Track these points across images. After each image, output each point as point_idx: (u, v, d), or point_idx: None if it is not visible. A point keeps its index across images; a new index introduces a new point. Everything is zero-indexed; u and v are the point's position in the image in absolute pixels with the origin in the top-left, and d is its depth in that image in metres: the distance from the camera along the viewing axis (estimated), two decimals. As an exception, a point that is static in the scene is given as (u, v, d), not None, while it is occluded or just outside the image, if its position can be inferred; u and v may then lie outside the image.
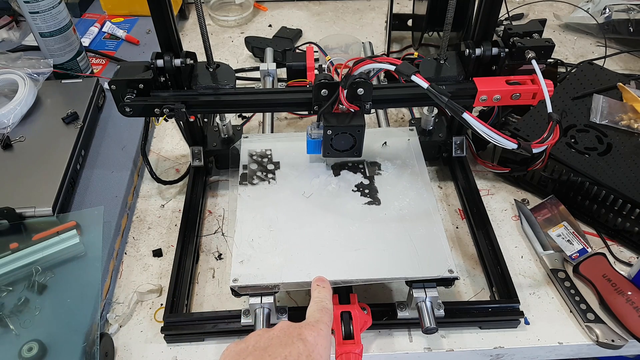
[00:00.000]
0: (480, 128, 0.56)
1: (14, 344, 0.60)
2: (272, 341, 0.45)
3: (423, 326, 0.59)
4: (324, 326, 0.48)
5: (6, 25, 1.15)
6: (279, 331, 0.46)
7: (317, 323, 0.48)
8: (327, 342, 0.47)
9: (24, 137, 0.82)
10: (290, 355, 0.43)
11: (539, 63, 0.64)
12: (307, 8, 1.28)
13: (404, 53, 1.12)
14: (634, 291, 0.66)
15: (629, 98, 0.83)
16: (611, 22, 1.09)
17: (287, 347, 0.44)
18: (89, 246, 0.70)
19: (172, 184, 0.84)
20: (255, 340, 0.45)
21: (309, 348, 0.44)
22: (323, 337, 0.47)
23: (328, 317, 0.50)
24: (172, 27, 0.66)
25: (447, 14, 0.67)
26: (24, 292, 0.65)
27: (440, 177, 0.85)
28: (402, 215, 0.67)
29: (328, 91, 0.65)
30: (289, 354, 0.43)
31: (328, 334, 0.48)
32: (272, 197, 0.69)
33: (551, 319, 0.66)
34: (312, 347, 0.44)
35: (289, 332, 0.46)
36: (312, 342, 0.45)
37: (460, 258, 0.74)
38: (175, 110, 0.68)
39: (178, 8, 1.20)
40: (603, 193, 0.72)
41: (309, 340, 0.45)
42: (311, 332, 0.46)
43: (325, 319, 0.49)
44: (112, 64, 1.06)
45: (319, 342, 0.46)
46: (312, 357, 0.44)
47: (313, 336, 0.46)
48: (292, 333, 0.45)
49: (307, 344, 0.44)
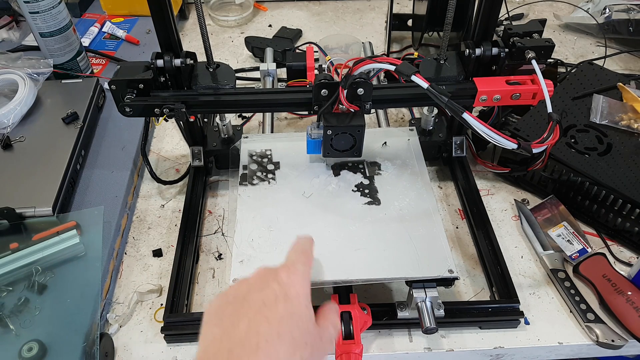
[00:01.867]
0: (480, 128, 0.56)
1: (14, 344, 0.60)
2: (250, 288, 0.45)
3: (423, 326, 0.59)
4: (299, 266, 0.48)
5: (6, 25, 1.15)
6: (256, 277, 0.46)
7: (293, 264, 0.48)
8: (304, 281, 0.47)
9: (24, 137, 0.82)
10: (267, 298, 0.43)
11: (539, 63, 0.64)
12: (307, 8, 1.28)
13: (404, 53, 1.12)
14: (634, 291, 0.66)
15: (629, 98, 0.83)
16: (611, 22, 1.09)
17: (264, 291, 0.44)
18: (89, 246, 0.70)
19: (172, 184, 0.84)
20: (234, 291, 0.46)
21: (284, 288, 0.44)
22: (299, 275, 0.46)
23: (305, 258, 0.49)
24: (172, 27, 0.66)
25: (447, 14, 0.67)
26: (24, 292, 0.65)
27: (440, 177, 0.85)
28: (402, 215, 0.67)
29: (328, 91, 0.65)
30: (266, 297, 0.43)
31: (305, 274, 0.48)
32: (272, 197, 0.69)
33: (551, 319, 0.66)
34: (287, 287, 0.45)
35: (264, 276, 0.46)
36: (287, 282, 0.45)
37: (460, 258, 0.74)
38: (175, 110, 0.68)
39: (178, 8, 1.20)
40: (603, 193, 0.72)
41: (283, 281, 0.45)
42: (286, 273, 0.46)
43: (301, 260, 0.49)
44: (112, 64, 1.06)
45: (294, 280, 0.46)
46: (289, 295, 0.44)
47: (288, 276, 0.46)
48: (268, 277, 0.46)
49: (282, 284, 0.45)
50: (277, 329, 0.41)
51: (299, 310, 0.44)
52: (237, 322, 0.42)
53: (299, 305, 0.44)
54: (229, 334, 0.41)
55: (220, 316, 0.44)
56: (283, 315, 0.42)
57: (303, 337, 0.42)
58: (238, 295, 0.45)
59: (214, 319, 0.44)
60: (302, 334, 0.42)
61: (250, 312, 0.42)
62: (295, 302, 0.44)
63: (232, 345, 0.40)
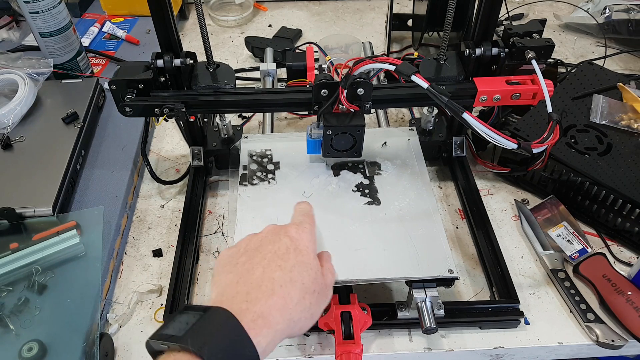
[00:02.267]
0: (480, 128, 0.56)
1: (14, 344, 0.60)
2: (262, 241, 0.49)
3: (423, 326, 0.59)
4: (307, 225, 0.52)
5: (6, 25, 1.15)
6: (267, 233, 0.51)
7: (300, 223, 0.53)
8: (311, 237, 0.51)
9: (24, 137, 0.82)
10: (279, 249, 0.48)
11: (539, 63, 0.64)
12: (307, 8, 1.28)
13: (404, 53, 1.12)
14: (634, 291, 0.66)
15: (629, 98, 0.83)
16: (611, 22, 1.09)
17: (276, 244, 0.48)
18: (89, 246, 0.70)
19: (172, 184, 0.84)
20: (246, 243, 0.50)
21: (295, 242, 0.49)
22: (307, 232, 0.51)
23: (310, 220, 0.54)
24: (172, 27, 0.66)
25: (447, 14, 0.67)
26: (24, 292, 0.65)
27: (440, 177, 0.85)
28: (402, 215, 0.67)
29: (328, 91, 0.65)
30: (278, 249, 0.48)
31: (311, 231, 0.52)
32: (272, 197, 0.69)
33: (551, 319, 0.66)
34: (297, 241, 0.49)
35: (275, 231, 0.50)
36: (297, 237, 0.50)
37: (460, 258, 0.74)
38: (175, 110, 0.68)
39: (178, 8, 1.20)
40: (603, 193, 0.72)
41: (294, 236, 0.50)
42: (295, 229, 0.51)
43: (307, 220, 0.54)
44: (112, 64, 1.06)
45: (302, 236, 0.50)
46: (299, 248, 0.48)
47: (297, 231, 0.50)
48: (279, 232, 0.50)
49: (292, 239, 0.49)
50: (290, 276, 0.45)
51: (308, 260, 0.48)
52: (251, 268, 0.46)
53: (308, 256, 0.48)
54: (245, 279, 0.45)
55: (234, 264, 0.47)
56: (294, 264, 0.47)
57: (312, 284, 0.47)
58: (250, 247, 0.49)
59: (227, 267, 0.48)
60: (310, 281, 0.47)
61: (264, 261, 0.46)
62: (304, 253, 0.48)
63: (249, 289, 0.44)
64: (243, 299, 0.43)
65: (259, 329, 0.41)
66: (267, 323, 0.42)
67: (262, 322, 0.41)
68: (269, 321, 0.42)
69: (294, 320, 0.44)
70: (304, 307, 0.45)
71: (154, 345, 0.40)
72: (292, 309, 0.44)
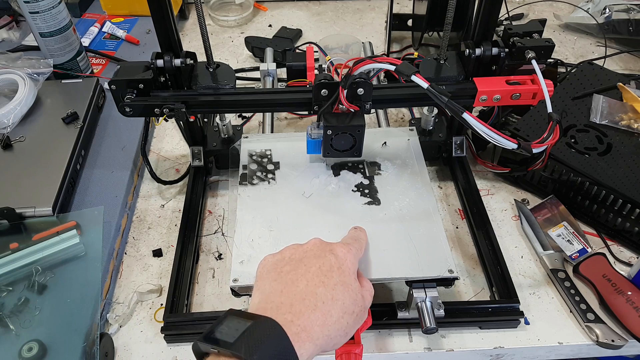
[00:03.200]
0: (480, 128, 0.56)
1: (14, 344, 0.60)
2: (306, 254, 0.50)
3: (423, 326, 0.59)
4: (353, 248, 0.53)
5: (6, 25, 1.15)
6: (312, 246, 0.51)
7: (348, 244, 0.53)
8: (355, 260, 0.52)
9: (24, 137, 0.82)
10: (324, 265, 0.48)
11: (539, 63, 0.64)
12: (307, 8, 1.28)
13: (404, 53, 1.12)
14: (634, 291, 0.66)
15: (629, 98, 0.83)
16: (611, 22, 1.09)
17: (321, 259, 0.49)
18: (89, 246, 0.70)
19: (172, 184, 0.84)
20: (290, 253, 0.51)
21: (340, 261, 0.49)
22: (352, 254, 0.51)
23: (358, 245, 0.55)
24: (172, 27, 0.66)
25: (447, 14, 0.67)
26: (24, 292, 0.65)
27: (440, 177, 0.85)
28: (402, 215, 0.67)
29: (328, 91, 0.65)
30: (322, 264, 0.48)
31: (357, 255, 0.53)
32: (272, 197, 0.69)
33: (551, 319, 0.66)
34: (342, 261, 0.50)
35: (321, 247, 0.51)
36: (342, 257, 0.50)
37: (460, 258, 0.74)
38: (175, 110, 0.68)
39: (178, 8, 1.20)
40: (603, 193, 0.72)
41: (339, 255, 0.50)
42: (341, 249, 0.51)
43: (356, 245, 0.54)
44: (112, 64, 1.06)
45: (347, 257, 0.51)
46: (342, 269, 0.49)
47: (343, 252, 0.51)
48: (325, 248, 0.51)
49: (337, 258, 0.50)
50: (332, 294, 0.46)
51: (350, 281, 0.49)
52: (296, 280, 0.47)
53: (350, 278, 0.49)
54: (289, 289, 0.46)
55: (278, 271, 0.48)
56: (337, 283, 0.47)
57: (352, 305, 0.48)
58: (294, 258, 0.50)
59: (272, 274, 0.48)
60: (351, 302, 0.48)
61: (308, 274, 0.47)
62: (347, 274, 0.49)
63: (292, 300, 0.45)
64: (287, 310, 0.44)
65: (302, 341, 0.42)
66: (309, 337, 0.43)
67: (305, 336, 0.42)
68: (311, 335, 0.43)
69: (330, 337, 0.45)
70: (342, 326, 0.46)
71: (202, 347, 0.40)
72: (331, 326, 0.45)
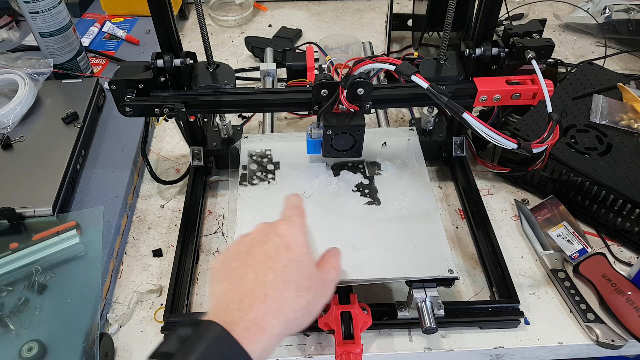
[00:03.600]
0: (480, 128, 0.56)
1: (14, 344, 0.60)
2: (251, 243, 0.49)
3: (423, 326, 0.59)
4: (296, 219, 0.51)
5: (6, 25, 1.15)
6: (256, 233, 0.50)
7: (289, 218, 0.51)
8: (302, 231, 0.50)
9: (24, 137, 0.82)
10: (270, 250, 0.47)
11: (539, 63, 0.64)
12: (307, 8, 1.28)
13: (404, 53, 1.12)
14: (634, 291, 0.66)
15: (629, 98, 0.83)
16: (611, 22, 1.09)
17: (266, 244, 0.48)
18: (89, 246, 0.70)
19: (172, 184, 0.84)
20: (237, 247, 0.49)
21: (285, 240, 0.48)
22: (297, 227, 0.50)
23: (299, 212, 0.53)
24: (172, 27, 0.66)
25: (447, 14, 0.67)
26: (24, 292, 0.65)
27: (440, 177, 0.85)
28: (402, 215, 0.67)
29: (328, 91, 0.65)
30: (268, 249, 0.47)
31: (302, 225, 0.51)
32: (272, 198, 0.69)
33: (551, 319, 0.66)
34: (287, 239, 0.48)
35: (265, 231, 0.49)
36: (287, 234, 0.49)
37: (460, 258, 0.74)
38: (175, 110, 0.68)
39: (178, 8, 1.20)
40: (603, 193, 0.72)
41: (283, 233, 0.49)
42: (285, 226, 0.50)
43: (297, 213, 0.52)
44: (112, 64, 1.06)
45: (292, 232, 0.49)
46: (290, 246, 0.48)
47: (287, 228, 0.49)
48: (268, 231, 0.49)
49: (282, 236, 0.48)
50: (282, 277, 0.45)
51: (300, 257, 0.47)
52: (244, 274, 0.45)
53: (299, 253, 0.48)
54: (238, 286, 0.45)
55: (227, 271, 0.47)
56: (286, 264, 0.46)
57: (306, 281, 0.46)
58: (241, 251, 0.48)
59: (221, 274, 0.47)
60: (305, 278, 0.46)
61: (256, 265, 0.46)
62: (296, 251, 0.48)
63: (242, 296, 0.44)
64: (236, 307, 0.43)
65: (252, 336, 0.41)
66: (260, 329, 0.42)
67: (255, 329, 0.41)
68: (263, 327, 0.42)
69: (290, 320, 0.44)
70: (300, 305, 0.45)
71: None
72: (287, 309, 0.44)
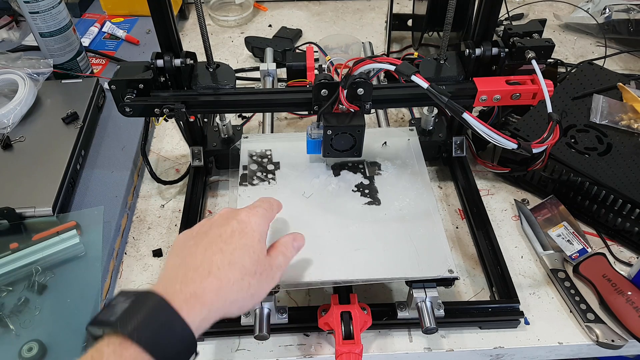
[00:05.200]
0: (480, 128, 0.56)
1: (14, 344, 0.60)
2: (211, 225, 0.51)
3: (423, 326, 0.59)
4: (259, 209, 0.53)
5: (6, 25, 1.15)
6: (218, 216, 0.52)
7: (254, 206, 0.54)
8: (262, 221, 0.52)
9: (24, 137, 0.82)
10: (224, 232, 0.49)
11: (539, 63, 0.64)
12: (307, 8, 1.28)
13: (404, 53, 1.12)
14: (634, 291, 0.66)
15: (629, 98, 0.83)
16: (611, 22, 1.09)
17: (223, 227, 0.50)
18: (89, 246, 0.70)
19: (172, 184, 0.84)
20: (198, 227, 0.51)
21: (242, 225, 0.50)
22: (258, 215, 0.52)
23: (267, 205, 0.55)
24: (172, 27, 0.66)
25: (447, 14, 0.67)
26: (24, 292, 0.65)
27: (440, 177, 0.85)
28: (402, 215, 0.67)
29: (328, 91, 0.65)
30: (224, 232, 0.49)
31: (264, 216, 0.53)
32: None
33: (551, 319, 0.66)
34: (245, 224, 0.50)
35: (226, 215, 0.52)
36: (246, 220, 0.50)
37: (460, 258, 0.74)
38: (175, 110, 0.68)
39: (178, 8, 1.20)
40: (603, 193, 0.72)
41: (242, 219, 0.51)
42: (246, 213, 0.52)
43: (263, 205, 0.54)
44: (112, 64, 1.06)
45: (251, 219, 0.51)
46: (245, 231, 0.49)
47: (247, 215, 0.51)
48: (229, 216, 0.51)
49: (240, 222, 0.50)
50: (229, 258, 0.47)
51: (252, 243, 0.49)
52: (195, 252, 0.48)
53: (252, 239, 0.49)
54: (185, 262, 0.47)
55: (181, 248, 0.49)
56: (236, 247, 0.48)
57: (253, 266, 0.48)
58: (200, 231, 0.50)
59: (176, 251, 0.50)
60: (252, 263, 0.48)
61: (207, 244, 0.48)
62: (249, 236, 0.49)
63: (186, 271, 0.46)
64: (179, 281, 0.44)
65: (191, 307, 0.43)
66: (200, 301, 0.43)
67: (194, 301, 0.43)
68: (203, 300, 0.44)
69: (230, 300, 0.46)
70: (242, 287, 0.47)
71: (92, 331, 0.41)
72: (229, 289, 0.46)
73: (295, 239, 0.56)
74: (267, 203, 0.56)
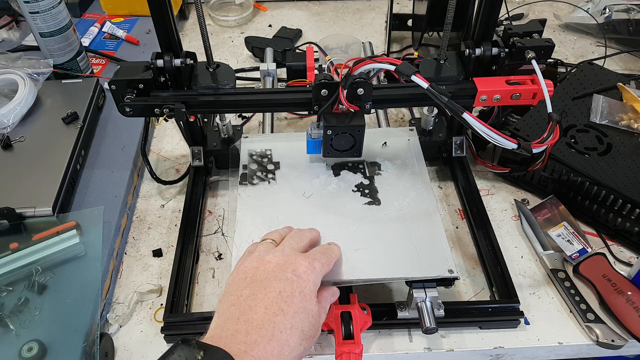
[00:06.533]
0: (480, 128, 0.56)
1: (14, 344, 0.60)
2: (268, 275, 0.49)
3: (423, 326, 0.59)
4: (317, 264, 0.52)
5: (6, 25, 1.15)
6: (275, 265, 0.50)
7: (313, 258, 0.52)
8: (319, 277, 0.52)
9: (24, 137, 0.82)
10: (284, 290, 0.48)
11: (539, 63, 0.64)
12: (307, 8, 1.28)
13: (404, 53, 1.12)
14: (634, 291, 0.66)
15: (629, 98, 0.83)
16: (611, 22, 1.09)
17: (282, 282, 0.48)
18: (89, 246, 0.70)
19: (172, 184, 0.84)
20: (252, 272, 0.50)
21: (302, 284, 0.49)
22: (315, 273, 0.51)
23: (326, 260, 0.54)
24: (172, 27, 0.66)
25: (447, 14, 0.67)
26: (24, 292, 0.65)
27: (440, 177, 0.85)
28: (402, 215, 0.67)
29: (328, 91, 0.65)
30: (283, 289, 0.48)
31: (320, 274, 0.52)
32: (272, 197, 0.69)
33: (551, 319, 0.66)
34: (304, 283, 0.49)
35: (284, 266, 0.50)
36: (305, 278, 0.50)
37: (460, 258, 0.74)
38: (175, 110, 0.68)
39: (178, 8, 1.20)
40: (603, 193, 0.72)
41: (301, 275, 0.50)
42: (305, 266, 0.51)
43: (322, 260, 0.53)
44: (112, 64, 1.06)
45: (310, 277, 0.50)
46: (304, 293, 0.49)
47: (306, 271, 0.50)
48: (287, 267, 0.50)
49: (300, 278, 0.49)
50: (291, 322, 0.46)
51: (312, 307, 0.49)
52: (254, 306, 0.46)
53: (311, 302, 0.49)
54: (246, 316, 0.46)
55: (237, 295, 0.48)
56: (297, 311, 0.47)
57: (310, 330, 0.48)
58: (256, 278, 0.49)
59: (232, 297, 0.48)
60: (310, 328, 0.48)
61: (267, 301, 0.47)
62: (309, 299, 0.49)
63: (249, 328, 0.45)
64: (242, 340, 0.44)
65: None
66: None
67: None
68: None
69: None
70: (298, 352, 0.47)
71: None
72: (287, 355, 0.46)
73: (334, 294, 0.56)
74: (327, 257, 0.55)
